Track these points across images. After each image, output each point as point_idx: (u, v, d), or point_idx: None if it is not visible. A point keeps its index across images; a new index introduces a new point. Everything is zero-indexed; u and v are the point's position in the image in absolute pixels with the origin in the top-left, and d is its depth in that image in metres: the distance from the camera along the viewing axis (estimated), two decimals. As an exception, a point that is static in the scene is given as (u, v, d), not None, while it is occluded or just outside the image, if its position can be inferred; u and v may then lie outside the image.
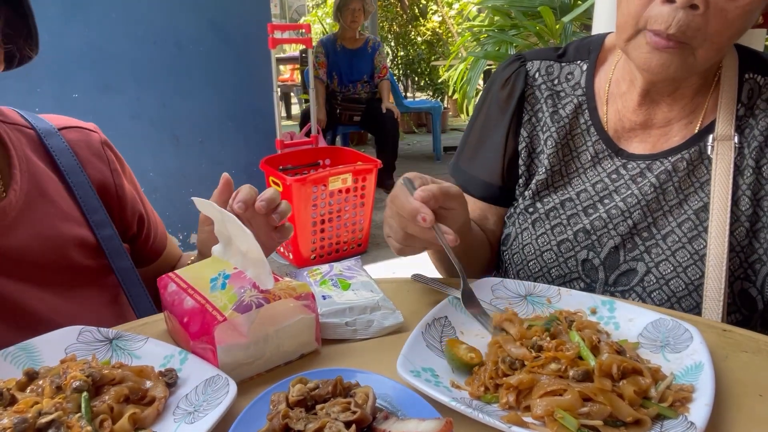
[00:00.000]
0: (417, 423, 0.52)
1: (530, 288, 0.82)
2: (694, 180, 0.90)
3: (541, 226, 0.98)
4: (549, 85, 1.01)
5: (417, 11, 8.91)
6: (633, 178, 0.93)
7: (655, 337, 0.71)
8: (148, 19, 3.20)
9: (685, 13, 0.76)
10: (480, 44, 3.89)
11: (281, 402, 0.56)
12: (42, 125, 0.95)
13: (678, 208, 0.90)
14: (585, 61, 1.01)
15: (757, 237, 0.87)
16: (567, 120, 0.99)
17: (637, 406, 0.57)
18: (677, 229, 0.89)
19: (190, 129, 3.47)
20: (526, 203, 1.01)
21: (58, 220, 0.90)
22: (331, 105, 5.01)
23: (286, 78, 8.61)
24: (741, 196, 0.87)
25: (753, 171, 0.87)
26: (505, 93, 1.03)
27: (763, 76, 0.90)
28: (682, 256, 0.87)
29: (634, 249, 0.91)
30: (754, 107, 0.89)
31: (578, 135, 0.99)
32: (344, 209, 3.35)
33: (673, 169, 0.91)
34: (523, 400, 0.59)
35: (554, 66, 1.02)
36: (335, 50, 4.97)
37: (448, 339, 0.69)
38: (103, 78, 3.14)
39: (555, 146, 0.99)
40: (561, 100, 1.00)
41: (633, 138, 0.96)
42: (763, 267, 0.86)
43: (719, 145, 0.88)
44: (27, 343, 0.69)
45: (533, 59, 1.03)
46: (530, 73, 1.03)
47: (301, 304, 0.70)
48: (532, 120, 1.02)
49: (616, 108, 0.96)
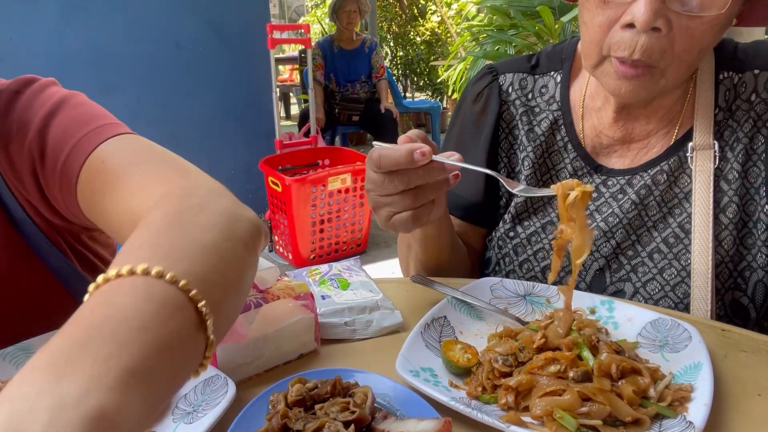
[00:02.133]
0: (416, 422, 0.52)
1: (529, 288, 0.82)
2: (677, 191, 0.87)
3: (523, 251, 0.95)
4: (523, 100, 0.98)
5: (416, 11, 8.91)
6: (614, 195, 0.91)
7: (654, 337, 0.71)
8: (147, 20, 3.20)
9: (648, 36, 0.73)
10: (479, 44, 3.89)
11: (280, 402, 0.56)
12: None
13: (662, 222, 0.87)
14: (559, 71, 0.97)
15: (744, 243, 0.84)
16: (543, 138, 0.96)
17: (636, 406, 0.57)
18: (662, 245, 0.87)
19: (189, 129, 3.47)
20: (506, 227, 0.97)
21: None
22: (329, 105, 5.01)
23: (285, 78, 8.61)
24: (728, 203, 0.85)
25: (739, 176, 0.84)
26: (478, 108, 1.00)
27: (737, 73, 0.87)
28: (669, 275, 0.85)
29: (620, 269, 0.88)
30: (734, 108, 0.86)
31: (555, 152, 0.96)
32: (343, 209, 3.35)
33: (653, 183, 0.88)
34: (522, 401, 0.59)
35: (528, 79, 0.98)
36: (332, 52, 4.97)
37: (443, 342, 0.69)
38: (103, 78, 3.14)
39: (532, 166, 0.96)
40: (536, 117, 0.97)
41: (612, 153, 0.93)
42: (753, 274, 0.83)
43: (698, 154, 0.85)
44: (26, 344, 0.69)
45: (506, 72, 1.00)
46: (503, 88, 0.99)
47: (300, 304, 0.70)
48: (508, 138, 0.99)
49: (593, 123, 0.93)
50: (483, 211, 1.01)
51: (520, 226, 0.96)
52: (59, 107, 0.74)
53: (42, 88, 0.77)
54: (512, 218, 0.97)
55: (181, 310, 0.40)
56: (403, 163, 0.68)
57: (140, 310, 0.38)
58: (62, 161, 0.70)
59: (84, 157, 0.68)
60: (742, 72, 0.86)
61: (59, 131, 0.71)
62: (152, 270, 0.40)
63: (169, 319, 0.39)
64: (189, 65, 3.38)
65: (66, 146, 0.70)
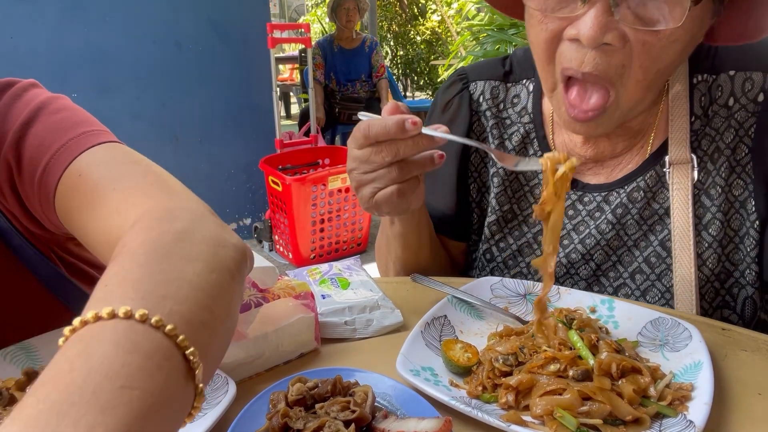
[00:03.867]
0: (416, 422, 0.52)
1: (529, 287, 0.82)
2: (656, 207, 0.83)
3: (500, 275, 0.92)
4: (494, 111, 0.93)
5: (416, 10, 8.91)
6: (591, 213, 0.87)
7: (654, 336, 0.71)
8: (147, 19, 3.20)
9: (597, 51, 0.67)
10: (479, 43, 3.89)
11: (280, 401, 0.56)
12: None
13: (643, 240, 0.83)
14: (531, 80, 0.92)
15: (731, 260, 0.81)
16: (514, 152, 0.91)
17: (636, 405, 0.57)
18: (644, 265, 0.83)
19: (189, 128, 3.47)
20: (483, 248, 0.94)
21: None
22: (330, 104, 5.01)
23: (286, 77, 8.61)
24: (711, 221, 0.80)
25: (722, 190, 0.79)
26: (446, 119, 0.95)
27: (711, 74, 0.80)
28: (653, 296, 0.83)
29: (602, 292, 0.86)
30: (710, 114, 0.80)
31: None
32: (344, 209, 3.35)
33: (629, 201, 0.83)
34: (523, 400, 0.59)
35: (500, 88, 0.93)
36: (332, 51, 4.97)
37: (443, 341, 0.69)
38: (103, 78, 3.14)
39: (502, 184, 0.91)
40: (507, 129, 0.92)
41: (586, 171, 0.88)
42: (742, 290, 0.81)
43: (675, 170, 0.79)
44: (26, 343, 0.69)
45: (477, 79, 0.94)
46: (474, 97, 0.94)
47: (300, 304, 0.70)
48: (479, 151, 0.94)
49: (563, 140, 0.89)
50: (456, 224, 0.97)
51: (497, 247, 0.93)
52: (37, 114, 0.69)
53: (20, 92, 0.72)
54: (487, 239, 0.94)
55: (168, 359, 0.37)
56: (393, 132, 0.66)
57: (124, 363, 0.34)
58: (39, 174, 0.65)
59: (61, 170, 0.64)
60: (716, 73, 0.80)
61: (36, 141, 0.67)
62: (136, 313, 0.37)
63: (156, 370, 0.35)
64: (189, 65, 3.38)
65: (43, 158, 0.65)
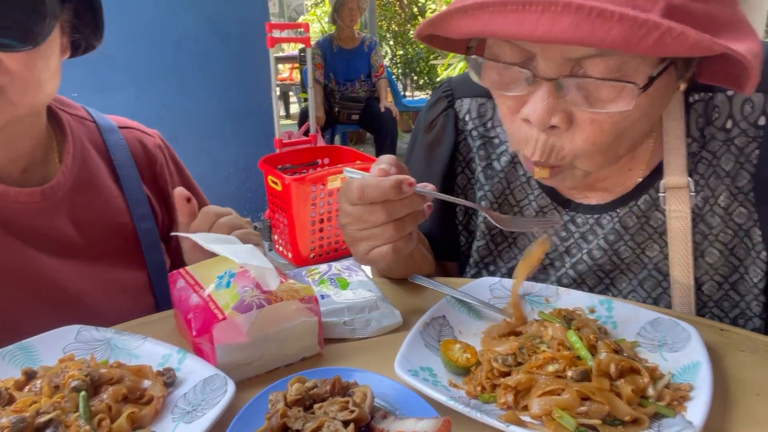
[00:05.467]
0: (415, 422, 0.52)
1: (528, 288, 0.82)
2: (650, 231, 0.80)
3: None
4: (481, 130, 0.89)
5: (416, 10, 8.90)
6: (583, 235, 0.84)
7: (653, 337, 0.71)
8: (146, 18, 3.20)
9: (547, 134, 0.66)
10: (479, 43, 3.88)
11: (279, 401, 0.56)
12: (103, 122, 1.00)
13: (636, 263, 0.82)
14: None
15: (737, 289, 0.79)
16: (503, 174, 0.88)
17: (635, 405, 0.57)
18: (639, 288, 0.82)
19: (188, 128, 3.46)
20: (472, 272, 0.92)
21: (102, 208, 0.93)
22: (329, 104, 5.01)
23: (285, 77, 8.61)
24: (708, 248, 0.77)
25: (722, 219, 0.76)
26: (431, 138, 0.92)
27: (707, 93, 0.75)
28: None
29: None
30: (707, 137, 0.76)
31: (518, 188, 0.88)
32: (343, 208, 3.34)
33: (622, 227, 0.81)
34: (521, 400, 0.59)
35: (487, 105, 0.89)
36: (332, 51, 4.97)
37: (442, 341, 0.69)
38: (102, 77, 3.13)
39: (491, 206, 0.89)
40: (495, 149, 0.89)
41: (576, 194, 0.86)
42: (749, 322, 0.79)
43: (670, 195, 0.76)
44: (25, 343, 0.69)
45: (463, 96, 0.91)
46: (460, 116, 0.90)
47: (304, 307, 0.69)
48: (465, 173, 0.92)
49: None
50: (445, 246, 0.96)
51: (486, 271, 0.92)
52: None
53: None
54: (476, 263, 0.92)
55: None
56: (390, 194, 0.65)
57: None
58: None
59: None
60: (713, 91, 0.75)
61: None
62: None
63: None
64: (188, 64, 3.38)
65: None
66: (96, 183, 0.94)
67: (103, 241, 0.93)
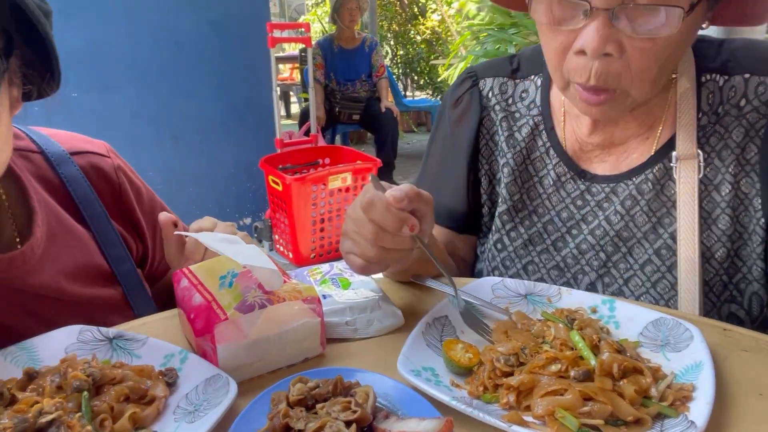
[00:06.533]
0: (417, 422, 0.52)
1: (530, 287, 0.82)
2: (664, 200, 0.85)
3: (512, 264, 0.94)
4: (503, 105, 0.96)
5: (416, 10, 8.90)
6: (599, 203, 0.89)
7: (655, 337, 0.71)
8: (147, 18, 3.19)
9: (601, 62, 0.73)
10: (480, 43, 3.88)
11: (281, 401, 0.56)
12: (52, 149, 0.89)
13: (652, 233, 0.85)
14: (539, 75, 0.96)
15: (739, 255, 0.83)
16: (524, 143, 0.94)
17: (637, 406, 0.57)
18: (654, 257, 0.85)
19: (189, 128, 3.46)
20: (494, 238, 0.96)
21: (78, 253, 0.87)
22: (330, 104, 5.01)
23: (286, 77, 8.60)
24: (720, 215, 0.82)
25: (732, 186, 0.82)
26: (457, 114, 0.99)
27: (722, 75, 0.83)
28: (662, 288, 0.84)
29: (613, 283, 0.87)
30: (720, 113, 0.83)
31: (537, 158, 0.94)
32: (344, 208, 3.35)
33: (638, 193, 0.86)
34: (524, 400, 0.59)
35: (508, 84, 0.97)
36: (332, 51, 4.97)
37: (444, 341, 0.69)
38: (103, 77, 3.13)
39: (512, 174, 0.94)
40: (516, 122, 0.96)
41: (593, 158, 0.91)
42: (749, 286, 0.83)
43: (682, 165, 0.83)
44: (27, 343, 0.69)
45: (486, 76, 0.98)
46: (483, 93, 0.98)
47: (307, 308, 0.69)
48: (489, 145, 0.97)
49: (573, 128, 0.92)
50: (467, 219, 0.99)
51: (507, 237, 0.95)
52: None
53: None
54: (498, 229, 0.96)
55: None
56: (389, 226, 0.67)
57: None
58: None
59: None
60: (729, 75, 0.83)
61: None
62: None
63: None
64: (189, 64, 3.37)
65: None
66: (64, 227, 0.86)
67: (87, 287, 0.86)
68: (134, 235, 0.98)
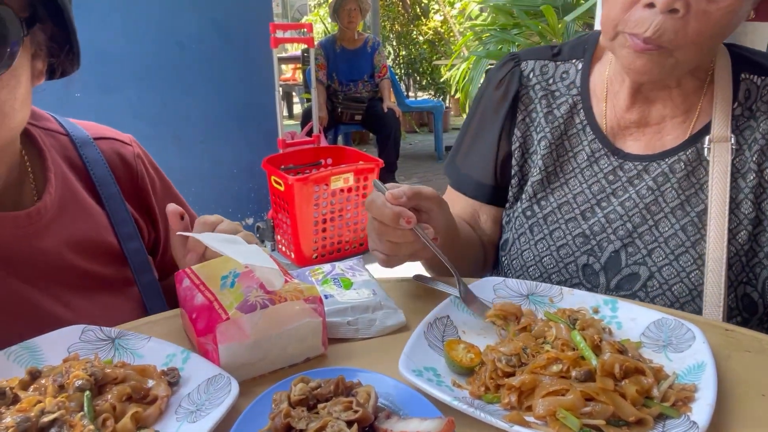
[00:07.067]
0: (419, 422, 0.52)
1: (532, 287, 0.82)
2: (694, 181, 0.89)
3: (539, 231, 0.97)
4: (543, 84, 1.01)
5: (419, 10, 8.90)
6: (630, 180, 0.93)
7: (657, 337, 0.70)
8: (150, 19, 3.20)
9: (665, 17, 0.76)
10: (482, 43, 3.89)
11: (283, 401, 0.56)
12: (77, 133, 0.95)
13: (680, 210, 0.89)
14: (580, 59, 1.00)
15: (758, 241, 0.87)
16: (562, 120, 0.99)
17: (639, 406, 0.57)
18: (680, 232, 0.88)
19: (191, 128, 3.47)
20: (523, 206, 1.00)
21: (88, 228, 0.89)
22: (332, 104, 5.01)
23: (288, 77, 8.61)
24: (743, 200, 0.87)
25: (756, 174, 0.86)
26: (500, 93, 1.03)
27: (760, 76, 0.89)
28: (685, 261, 0.87)
29: (636, 253, 0.90)
30: (754, 108, 0.88)
31: (574, 135, 0.98)
32: (346, 209, 3.35)
33: (670, 171, 0.90)
34: (525, 401, 0.59)
35: (549, 65, 1.02)
36: (334, 51, 4.97)
37: (446, 342, 0.69)
38: (105, 77, 3.14)
39: (549, 147, 0.99)
40: (556, 100, 1.00)
41: (628, 136, 0.95)
42: (764, 270, 0.86)
43: (716, 146, 0.87)
44: (30, 342, 0.69)
45: (527, 59, 1.03)
46: (524, 73, 1.02)
47: (308, 308, 0.69)
48: (525, 120, 1.02)
49: (612, 104, 0.96)
50: (493, 191, 1.04)
51: (537, 205, 0.99)
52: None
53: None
54: (529, 197, 1.00)
55: None
56: (387, 221, 0.74)
57: None
58: None
59: None
60: (763, 75, 0.89)
61: None
62: None
63: None
64: (191, 64, 3.38)
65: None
66: (79, 203, 0.90)
67: (90, 262, 0.88)
68: (147, 219, 1.00)
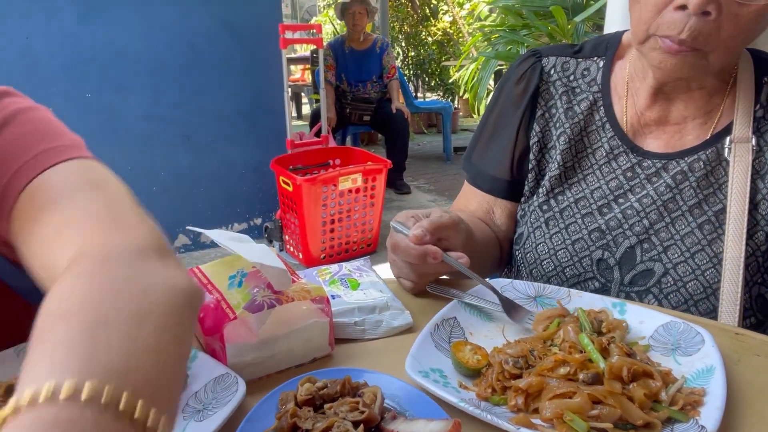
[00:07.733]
0: (425, 423, 0.52)
1: (540, 289, 0.82)
2: (712, 181, 0.89)
3: (555, 224, 0.97)
4: (564, 81, 1.02)
5: (428, 11, 8.90)
6: (648, 177, 0.93)
7: (666, 340, 0.70)
8: (160, 19, 3.22)
9: (698, 19, 0.76)
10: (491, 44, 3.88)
11: (290, 401, 0.56)
12: None
13: (697, 209, 0.89)
14: (602, 57, 1.01)
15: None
16: (582, 116, 0.99)
17: (647, 410, 0.57)
18: (697, 230, 0.88)
19: (201, 128, 3.49)
20: (540, 200, 1.00)
21: None
22: (341, 105, 5.02)
23: (297, 78, 8.63)
24: (761, 201, 0.87)
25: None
26: (520, 89, 1.04)
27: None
28: (701, 259, 0.87)
29: (652, 249, 0.90)
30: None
31: (593, 131, 0.99)
32: (354, 209, 3.35)
33: (689, 170, 0.90)
34: (532, 403, 0.59)
35: (570, 62, 1.02)
36: (343, 52, 4.98)
37: (453, 343, 0.69)
38: (116, 78, 3.16)
39: (568, 142, 0.99)
40: (576, 96, 1.01)
41: (648, 134, 0.95)
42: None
43: (737, 147, 0.88)
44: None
45: (549, 55, 1.04)
46: (545, 69, 1.03)
47: (315, 308, 0.69)
48: (545, 115, 1.02)
49: (633, 102, 0.96)
50: (509, 185, 1.05)
51: (554, 200, 0.99)
52: (6, 124, 0.65)
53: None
54: (546, 192, 1.00)
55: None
56: (415, 261, 0.78)
57: None
58: (2, 187, 0.61)
59: (22, 186, 0.60)
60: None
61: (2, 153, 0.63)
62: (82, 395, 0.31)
63: None
64: (201, 65, 3.40)
65: (7, 171, 0.61)
66: None
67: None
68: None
